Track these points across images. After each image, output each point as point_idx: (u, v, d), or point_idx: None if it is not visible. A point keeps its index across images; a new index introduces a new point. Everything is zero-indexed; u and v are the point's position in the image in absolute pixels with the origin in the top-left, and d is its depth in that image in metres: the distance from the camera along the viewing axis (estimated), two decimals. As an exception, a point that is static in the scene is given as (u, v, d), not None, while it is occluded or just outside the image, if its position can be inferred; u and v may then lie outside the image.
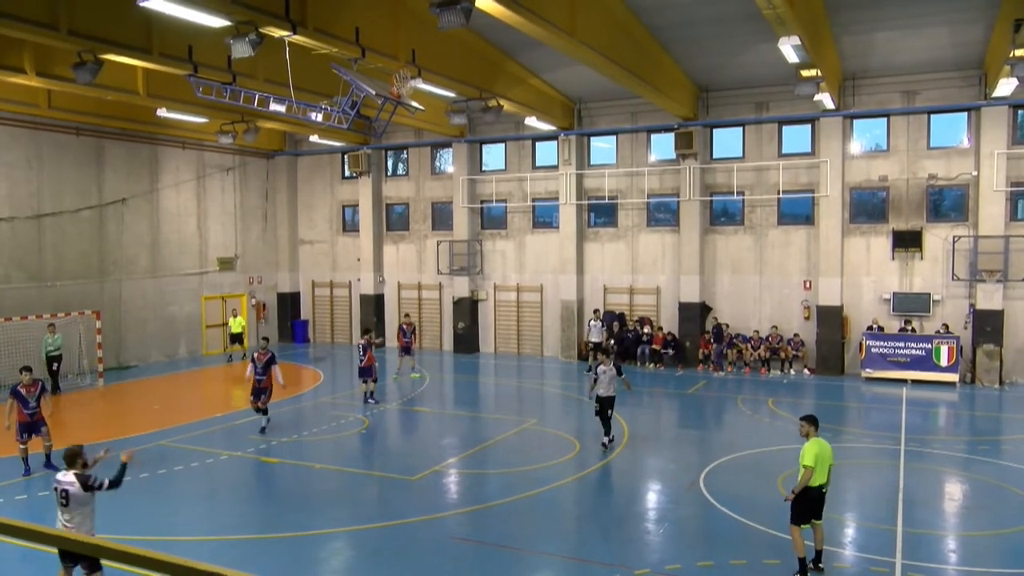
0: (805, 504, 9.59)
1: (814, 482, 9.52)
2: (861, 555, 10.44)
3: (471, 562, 10.42)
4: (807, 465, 9.42)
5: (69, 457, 8.72)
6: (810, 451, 9.50)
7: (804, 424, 9.88)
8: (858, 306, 23.96)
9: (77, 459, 8.69)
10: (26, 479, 14.11)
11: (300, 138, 31.98)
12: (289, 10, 14.38)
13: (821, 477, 9.59)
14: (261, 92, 18.51)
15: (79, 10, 15.04)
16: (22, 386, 14.27)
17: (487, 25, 17.36)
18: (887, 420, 18.56)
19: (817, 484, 9.58)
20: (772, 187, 24.84)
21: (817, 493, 9.63)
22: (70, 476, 8.55)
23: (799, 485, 9.50)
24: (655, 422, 19.52)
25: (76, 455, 8.71)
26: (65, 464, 8.71)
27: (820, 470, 9.54)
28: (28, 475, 14.22)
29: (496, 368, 26.94)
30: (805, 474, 9.43)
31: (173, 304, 28.56)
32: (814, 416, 10.00)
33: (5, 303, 22.59)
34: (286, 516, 12.18)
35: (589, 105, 27.02)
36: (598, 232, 27.66)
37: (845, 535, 11.44)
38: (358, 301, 31.89)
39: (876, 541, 10.96)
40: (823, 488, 9.68)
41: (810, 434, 9.75)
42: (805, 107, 23.44)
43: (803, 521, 9.61)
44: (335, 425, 18.28)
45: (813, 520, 9.68)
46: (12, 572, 9.96)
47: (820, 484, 9.61)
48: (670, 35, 20.42)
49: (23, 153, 23.63)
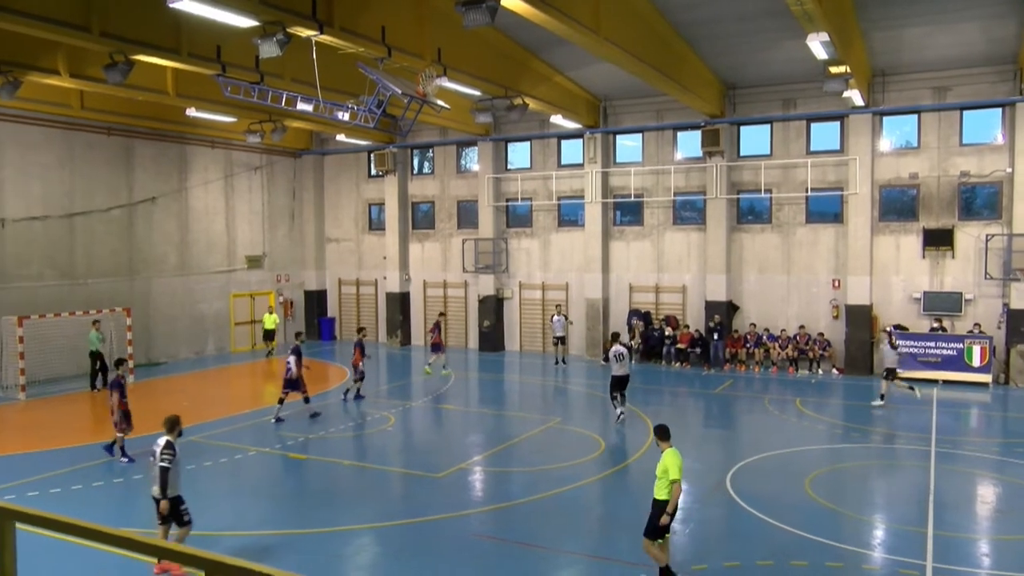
0: (669, 515, 9.14)
1: (666, 494, 9.09)
2: (891, 557, 10.30)
3: (494, 560, 10.43)
4: (675, 479, 9.02)
5: (168, 424, 9.85)
6: (675, 463, 9.08)
7: (656, 436, 9.53)
8: (887, 305, 23.64)
9: (175, 427, 9.90)
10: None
11: (327, 137, 32.20)
12: (316, 10, 14.46)
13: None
14: (288, 91, 18.68)
15: (111, 12, 15.27)
16: (120, 376, 14.99)
17: (512, 23, 17.35)
18: (917, 421, 18.30)
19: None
20: (800, 185, 24.59)
21: (677, 504, 9.23)
22: (162, 440, 9.68)
23: (673, 503, 9.05)
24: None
25: (174, 424, 9.91)
26: (165, 429, 9.78)
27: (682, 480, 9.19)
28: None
29: (521, 366, 26.94)
30: (676, 489, 9.03)
31: (202, 302, 28.90)
32: (663, 426, 9.63)
33: (39, 300, 23.00)
34: (312, 512, 12.27)
35: (614, 103, 26.92)
36: (624, 230, 27.55)
37: (874, 537, 11.31)
38: (384, 299, 32.06)
39: (906, 543, 10.80)
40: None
41: (662, 446, 9.36)
42: (833, 104, 23.18)
43: (659, 536, 9.19)
44: (361, 422, 18.39)
45: (665, 535, 9.25)
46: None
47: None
48: (696, 32, 20.27)
49: (56, 153, 24.03)
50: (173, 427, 9.86)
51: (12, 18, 13.87)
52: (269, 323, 29.22)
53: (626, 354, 18.11)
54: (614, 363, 17.92)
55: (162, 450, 9.53)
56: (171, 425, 9.86)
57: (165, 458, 9.49)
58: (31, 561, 4.42)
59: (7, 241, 22.78)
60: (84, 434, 17.35)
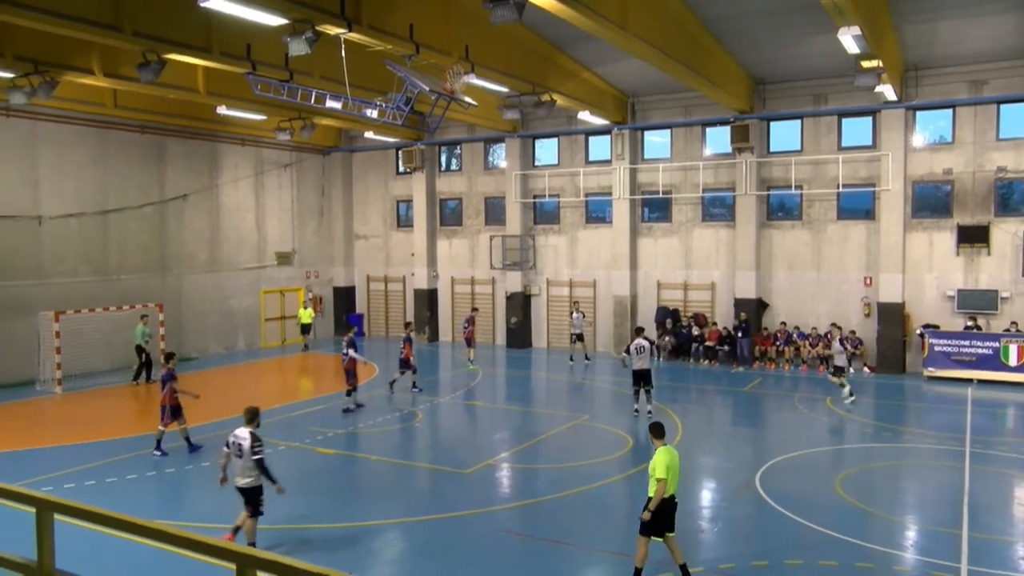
0: (661, 516, 9.07)
1: (668, 492, 9.04)
2: (924, 559, 10.16)
3: (522, 556, 10.45)
4: (660, 478, 8.93)
5: (248, 415, 10.21)
6: (662, 461, 8.99)
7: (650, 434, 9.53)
8: (920, 303, 23.29)
9: (255, 418, 10.25)
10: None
11: (355, 134, 32.39)
12: (344, 8, 14.55)
13: (673, 487, 9.13)
14: (317, 89, 18.83)
15: (143, 12, 15.48)
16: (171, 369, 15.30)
17: (540, 19, 17.32)
18: (951, 421, 18.03)
19: (670, 494, 9.10)
20: (831, 181, 24.29)
21: (671, 503, 9.15)
22: (245, 432, 10.03)
23: (655, 500, 8.94)
24: (709, 420, 19.28)
25: (254, 415, 10.27)
26: (245, 420, 10.14)
27: (672, 479, 9.09)
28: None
29: (548, 363, 26.92)
30: (659, 487, 8.93)
31: (232, 298, 29.23)
32: (657, 424, 9.61)
33: (73, 296, 23.41)
34: (342, 507, 12.37)
35: (642, 99, 26.78)
36: (651, 227, 27.42)
37: (906, 538, 11.16)
38: (412, 295, 32.21)
39: (940, 545, 10.63)
40: (675, 498, 9.21)
41: (656, 444, 9.32)
42: (865, 99, 22.86)
43: (654, 533, 9.09)
44: (389, 418, 18.49)
45: (667, 533, 9.17)
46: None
47: (672, 493, 9.14)
48: (724, 27, 20.09)
49: (90, 151, 24.44)
50: (253, 418, 10.25)
51: (48, 19, 14.14)
52: (305, 318, 29.61)
53: (647, 348, 17.93)
54: (634, 356, 17.79)
55: (252, 444, 9.97)
56: (251, 416, 10.25)
57: (258, 450, 9.98)
58: (68, 551, 4.51)
59: (44, 238, 23.21)
60: (119, 428, 17.64)
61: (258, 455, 9.99)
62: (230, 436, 10.23)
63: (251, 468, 10.02)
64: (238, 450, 10.04)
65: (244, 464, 10.03)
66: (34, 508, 4.19)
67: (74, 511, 4.06)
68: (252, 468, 10.02)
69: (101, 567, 9.40)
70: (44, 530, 4.15)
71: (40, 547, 4.16)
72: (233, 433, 10.20)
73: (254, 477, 10.06)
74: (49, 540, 4.16)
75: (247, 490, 10.12)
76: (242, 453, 10.00)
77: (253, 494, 10.11)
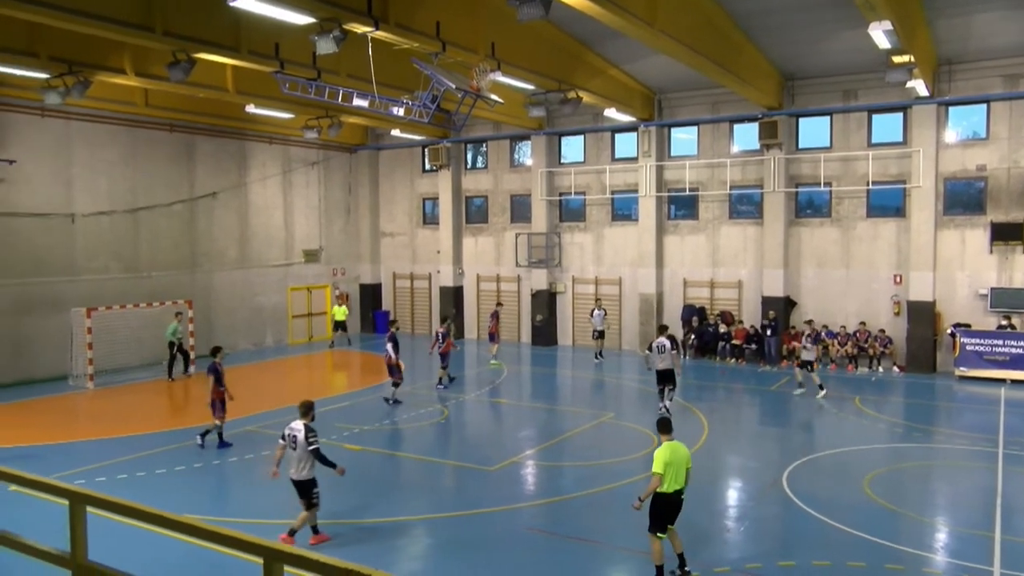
0: (664, 510, 9.20)
1: (670, 488, 9.13)
2: (955, 561, 10.01)
3: (546, 553, 10.45)
4: (656, 472, 9.06)
5: (303, 408, 10.54)
6: (660, 457, 9.11)
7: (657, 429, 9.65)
8: (951, 302, 22.93)
9: (310, 411, 10.58)
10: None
11: (382, 132, 32.55)
12: (371, 6, 14.62)
13: (676, 483, 9.19)
14: (344, 87, 18.92)
15: (173, 12, 15.68)
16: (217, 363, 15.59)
17: (566, 16, 17.28)
18: (983, 421, 17.74)
19: (673, 490, 9.18)
20: (861, 178, 23.99)
21: (675, 499, 9.24)
22: (299, 424, 10.35)
23: (647, 492, 9.18)
24: (736, 419, 19.14)
25: (309, 408, 10.62)
26: (299, 414, 10.46)
27: (675, 475, 9.15)
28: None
29: (574, 361, 26.88)
30: (653, 481, 9.09)
31: (260, 294, 29.53)
32: (664, 419, 9.70)
33: (104, 292, 23.77)
34: (366, 502, 12.45)
35: (669, 95, 26.62)
36: (678, 224, 27.26)
37: (937, 540, 11.01)
38: (437, 293, 32.31)
39: (972, 548, 10.46)
40: (681, 494, 9.29)
41: (661, 439, 9.40)
42: (896, 95, 22.53)
43: (661, 529, 9.23)
44: (415, 414, 18.57)
45: (672, 526, 9.31)
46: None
47: (677, 489, 9.22)
48: (753, 22, 19.90)
49: (121, 150, 24.79)
50: (308, 411, 10.57)
51: (82, 20, 14.36)
52: (340, 315, 29.77)
53: (668, 346, 17.47)
54: (655, 355, 17.56)
55: (307, 435, 10.26)
56: (306, 409, 10.57)
57: (313, 442, 10.28)
58: (99, 543, 4.57)
59: (77, 235, 23.59)
60: (149, 423, 17.89)
61: (313, 446, 10.26)
62: (286, 429, 10.51)
63: (305, 460, 10.28)
64: (292, 442, 10.32)
65: (299, 456, 10.28)
66: (67, 501, 4.26)
67: (106, 504, 4.12)
68: (306, 460, 10.28)
69: (131, 560, 9.53)
70: (77, 522, 4.22)
71: (73, 539, 4.23)
72: (289, 426, 10.49)
73: (308, 469, 10.30)
74: (82, 532, 4.23)
75: (300, 483, 10.40)
76: (296, 445, 10.28)
77: (306, 486, 10.39)
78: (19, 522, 6.75)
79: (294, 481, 10.43)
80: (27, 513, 9.64)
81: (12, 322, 22.04)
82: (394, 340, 19.42)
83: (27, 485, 4.59)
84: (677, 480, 9.20)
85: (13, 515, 10.71)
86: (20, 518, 9.86)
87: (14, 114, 22.03)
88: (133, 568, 4.08)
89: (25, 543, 4.55)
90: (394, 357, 19.20)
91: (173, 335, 23.10)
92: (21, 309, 22.24)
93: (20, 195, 22.27)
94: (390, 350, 19.24)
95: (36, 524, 6.76)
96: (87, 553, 4.26)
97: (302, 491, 10.43)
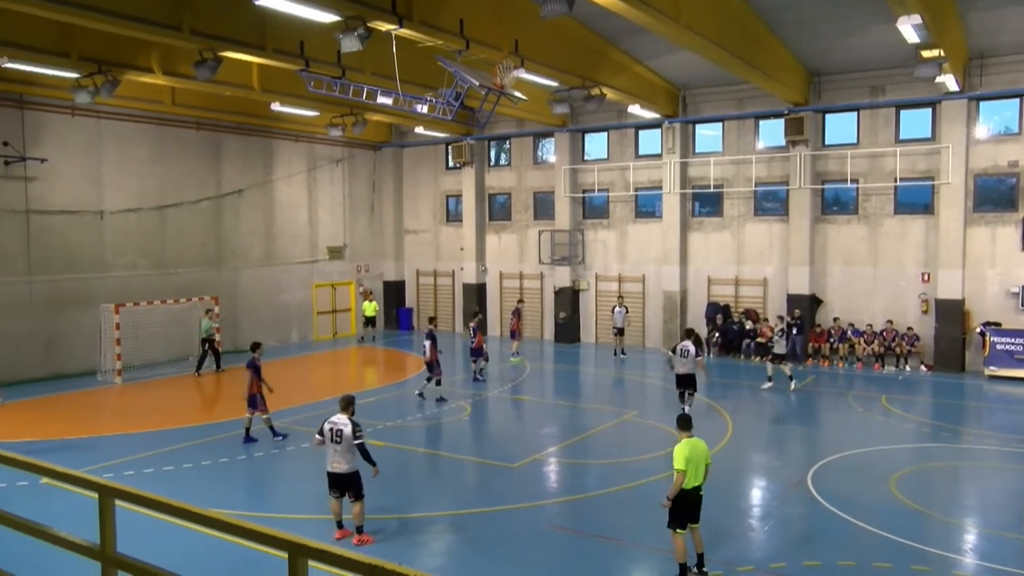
0: (683, 507, 9.22)
1: (689, 484, 9.15)
2: (984, 564, 9.87)
3: (569, 551, 10.45)
4: (678, 469, 9.07)
5: (345, 402, 10.62)
6: (680, 453, 9.12)
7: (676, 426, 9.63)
8: (981, 300, 22.57)
9: (351, 405, 10.63)
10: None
11: (405, 130, 32.66)
12: (396, 4, 14.67)
13: (695, 480, 9.19)
14: (369, 85, 19.02)
15: (200, 11, 15.86)
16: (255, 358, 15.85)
17: (590, 13, 17.21)
18: (1014, 422, 17.47)
19: (692, 486, 9.19)
20: (888, 175, 23.69)
21: (694, 495, 9.25)
22: (344, 418, 10.42)
23: (672, 490, 9.17)
24: (760, 417, 19.01)
25: (350, 402, 10.67)
26: (340, 408, 10.55)
27: (694, 471, 9.15)
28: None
29: (597, 358, 26.83)
30: (677, 478, 9.10)
31: (285, 291, 29.77)
32: (684, 416, 9.71)
33: (133, 289, 24.09)
34: (389, 498, 12.50)
35: (694, 92, 26.45)
36: (702, 221, 27.10)
37: (966, 541, 10.86)
38: (461, 290, 32.38)
39: (1002, 550, 10.31)
40: (699, 490, 9.30)
41: (680, 436, 9.38)
42: (925, 90, 22.21)
43: (682, 526, 9.25)
44: (438, 411, 18.64)
45: (690, 524, 9.30)
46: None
47: (695, 486, 9.23)
48: (779, 17, 19.71)
49: (150, 148, 25.10)
50: (349, 405, 10.63)
51: (113, 20, 14.59)
52: (369, 311, 29.95)
53: (692, 351, 16.83)
54: (677, 359, 17.14)
55: (354, 430, 10.34)
56: (347, 403, 10.64)
57: (360, 436, 10.39)
58: (128, 536, 4.64)
59: (106, 232, 23.93)
60: (176, 418, 18.10)
61: (359, 439, 10.35)
62: (325, 424, 10.53)
63: (350, 453, 10.35)
64: (338, 436, 10.33)
65: (344, 449, 10.33)
66: (96, 494, 4.33)
67: (134, 498, 4.19)
68: (351, 453, 10.36)
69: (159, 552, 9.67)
70: (106, 515, 4.29)
71: (102, 531, 4.30)
72: (330, 420, 10.52)
73: (350, 463, 10.40)
74: (111, 525, 4.30)
75: (347, 476, 10.45)
76: (342, 439, 10.32)
77: (353, 479, 10.48)
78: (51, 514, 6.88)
79: (337, 475, 10.45)
80: (58, 505, 9.82)
81: (44, 318, 22.41)
82: (432, 337, 19.50)
83: (58, 478, 4.67)
84: (696, 476, 9.24)
85: (45, 507, 10.89)
86: (52, 510, 10.03)
87: (46, 113, 22.38)
88: (161, 561, 4.14)
89: (57, 535, 4.63)
90: (432, 353, 19.26)
91: (207, 332, 23.38)
92: (53, 305, 22.60)
93: (52, 193, 22.63)
94: (428, 347, 19.30)
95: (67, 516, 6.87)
96: (116, 546, 4.32)
97: (350, 484, 10.47)
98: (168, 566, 4.01)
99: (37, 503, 11.26)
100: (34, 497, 11.66)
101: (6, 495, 11.73)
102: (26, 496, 11.89)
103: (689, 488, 9.20)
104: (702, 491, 9.38)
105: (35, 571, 8.43)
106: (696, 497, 9.31)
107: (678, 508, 9.25)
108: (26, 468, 4.98)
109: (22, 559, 7.38)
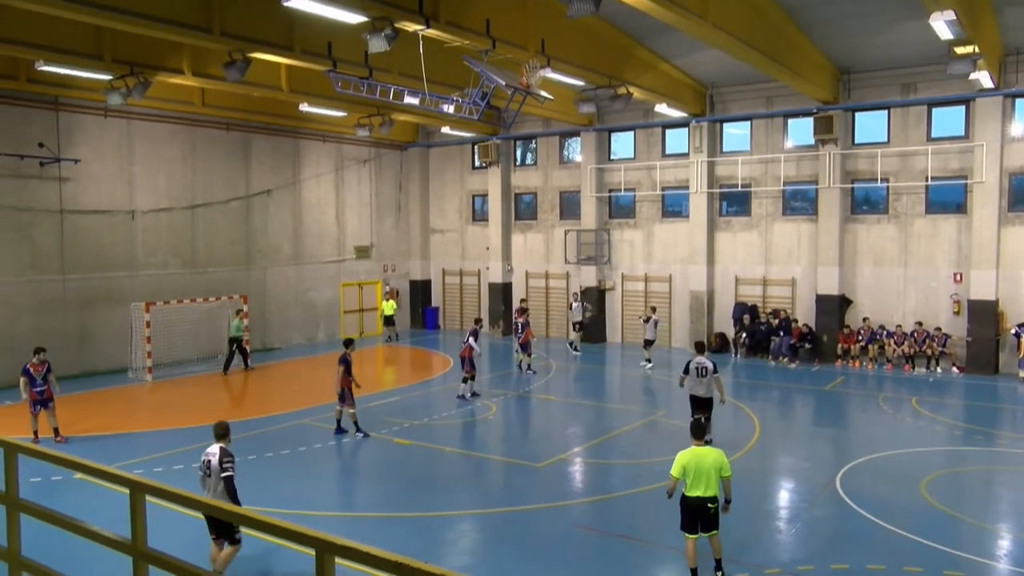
0: (688, 514, 9.10)
1: (692, 492, 8.94)
2: (1019, 570, 9.70)
3: (594, 551, 10.43)
4: (671, 474, 9.06)
5: (220, 430, 9.43)
6: (679, 460, 9.03)
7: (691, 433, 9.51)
8: (1016, 301, 22.17)
9: (227, 434, 9.44)
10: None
11: (432, 130, 32.76)
12: (423, 5, 14.74)
13: (698, 488, 8.92)
14: (396, 85, 19.13)
15: (230, 13, 16.03)
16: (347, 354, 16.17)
17: (616, 11, 17.16)
18: (1048, 424, 17.15)
19: (695, 495, 8.93)
20: (919, 174, 23.34)
21: (697, 503, 8.98)
22: (215, 448, 9.24)
23: (667, 491, 9.24)
24: (789, 419, 18.84)
25: (226, 430, 9.47)
26: (215, 437, 9.39)
27: (696, 480, 8.92)
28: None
29: (623, 358, 26.73)
30: (669, 483, 9.14)
31: (313, 290, 30.01)
32: (695, 423, 9.60)
33: (164, 287, 24.44)
34: (415, 496, 12.58)
35: (722, 90, 26.25)
36: (730, 221, 26.89)
37: (999, 547, 10.67)
38: (486, 289, 32.43)
39: (1034, 554, 10.14)
40: (706, 500, 8.96)
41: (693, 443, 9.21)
42: (958, 87, 21.84)
43: (688, 529, 9.10)
44: (464, 410, 18.68)
45: (711, 532, 9.14)
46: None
47: (698, 495, 8.94)
48: (808, 15, 19.50)
49: (180, 148, 25.42)
50: (224, 434, 9.45)
51: (145, 23, 14.80)
52: (388, 309, 30.14)
53: (710, 368, 14.62)
54: (694, 378, 14.80)
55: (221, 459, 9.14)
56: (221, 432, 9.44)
57: (227, 467, 9.13)
58: (159, 531, 4.72)
59: (137, 231, 24.28)
60: (205, 415, 18.28)
61: (227, 472, 9.03)
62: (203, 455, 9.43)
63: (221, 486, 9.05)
64: (207, 467, 9.17)
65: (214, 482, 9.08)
66: (128, 489, 4.40)
67: (164, 493, 4.25)
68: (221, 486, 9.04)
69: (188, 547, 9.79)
70: (137, 510, 4.36)
71: (133, 526, 4.37)
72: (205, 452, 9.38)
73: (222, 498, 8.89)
74: (141, 520, 4.37)
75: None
76: (211, 471, 9.14)
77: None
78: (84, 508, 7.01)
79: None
80: (91, 500, 9.99)
81: (77, 316, 22.78)
82: (476, 336, 19.67)
83: (90, 473, 4.75)
84: (700, 486, 8.94)
85: (79, 501, 11.09)
86: (85, 504, 10.21)
87: (79, 115, 22.75)
88: (190, 557, 4.20)
89: (90, 529, 4.71)
90: (476, 349, 19.46)
91: (237, 331, 23.64)
92: (85, 303, 22.97)
93: (85, 193, 22.99)
94: (473, 343, 19.40)
95: (100, 511, 6.98)
96: (147, 540, 4.39)
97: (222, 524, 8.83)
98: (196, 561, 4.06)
99: (71, 498, 11.47)
100: (68, 492, 11.87)
101: (41, 490, 11.95)
102: (60, 491, 12.11)
103: (692, 496, 8.99)
104: (713, 504, 9.03)
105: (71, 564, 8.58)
106: (702, 507, 9.00)
107: (684, 513, 9.17)
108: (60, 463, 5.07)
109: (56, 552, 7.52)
